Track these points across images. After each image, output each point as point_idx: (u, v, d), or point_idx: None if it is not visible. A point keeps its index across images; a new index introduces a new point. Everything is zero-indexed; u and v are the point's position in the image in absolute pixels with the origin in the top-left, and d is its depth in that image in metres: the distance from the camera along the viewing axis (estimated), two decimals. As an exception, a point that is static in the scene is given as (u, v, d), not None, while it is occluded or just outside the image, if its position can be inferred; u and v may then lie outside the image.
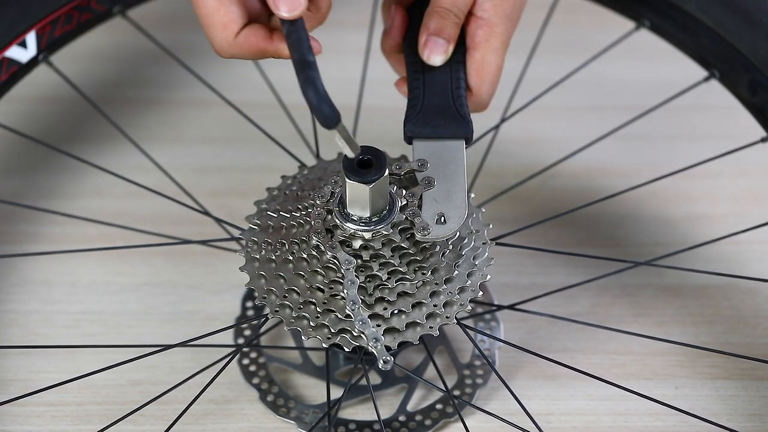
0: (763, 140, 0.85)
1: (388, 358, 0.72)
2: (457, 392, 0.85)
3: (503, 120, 0.91)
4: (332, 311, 0.74)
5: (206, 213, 0.88)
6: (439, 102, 0.77)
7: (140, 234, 0.92)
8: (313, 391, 0.86)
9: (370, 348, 0.72)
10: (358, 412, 0.85)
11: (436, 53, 0.77)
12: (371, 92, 0.94)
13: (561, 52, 1.09)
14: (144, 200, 0.97)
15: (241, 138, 1.03)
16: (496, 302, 0.91)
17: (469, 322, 0.89)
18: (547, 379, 0.86)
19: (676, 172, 0.89)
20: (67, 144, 1.02)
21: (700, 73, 0.88)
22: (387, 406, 0.85)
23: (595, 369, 0.86)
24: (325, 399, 0.85)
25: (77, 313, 0.91)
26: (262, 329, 0.87)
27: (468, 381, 0.86)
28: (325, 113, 0.65)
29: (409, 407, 0.85)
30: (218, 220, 0.88)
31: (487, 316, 0.90)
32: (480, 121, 0.80)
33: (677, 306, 0.92)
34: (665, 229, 0.97)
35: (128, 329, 0.90)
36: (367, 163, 0.70)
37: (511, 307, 0.84)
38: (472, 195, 0.79)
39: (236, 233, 0.86)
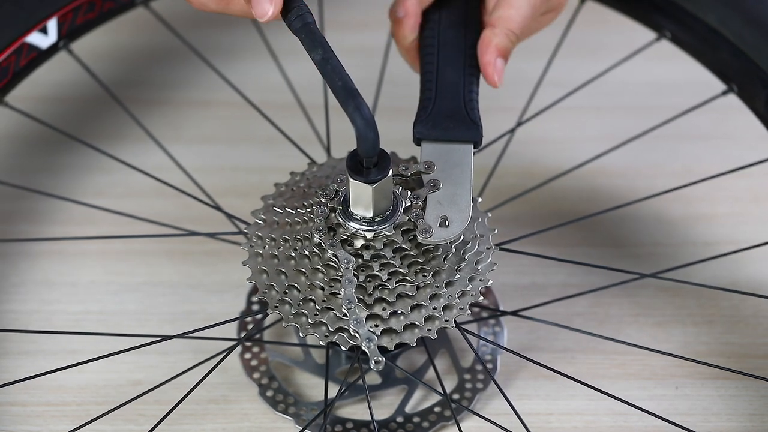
0: None
1: (380, 359, 0.71)
2: (456, 396, 0.85)
3: (519, 124, 0.90)
4: (331, 309, 0.74)
5: (217, 207, 0.87)
6: (451, 105, 0.77)
7: (141, 234, 0.92)
8: (314, 388, 0.86)
9: (363, 347, 0.72)
10: (357, 411, 0.85)
11: (501, 76, 0.78)
12: (380, 92, 0.93)
13: (566, 55, 1.08)
14: (144, 200, 0.97)
15: (242, 138, 1.03)
16: (500, 305, 0.90)
17: (473, 327, 0.88)
18: (547, 379, 0.86)
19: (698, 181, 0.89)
20: (68, 143, 1.02)
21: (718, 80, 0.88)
22: (386, 406, 0.85)
23: (595, 369, 0.86)
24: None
25: (77, 313, 0.91)
26: (263, 325, 0.87)
27: (468, 385, 0.86)
28: (372, 141, 0.67)
29: (408, 409, 0.85)
30: (229, 216, 0.86)
31: (491, 321, 0.89)
32: (492, 126, 0.79)
33: (677, 306, 0.92)
34: (665, 229, 0.97)
35: (128, 329, 0.89)
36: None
37: (514, 313, 0.83)
38: (479, 199, 0.79)
39: (242, 229, 0.86)
